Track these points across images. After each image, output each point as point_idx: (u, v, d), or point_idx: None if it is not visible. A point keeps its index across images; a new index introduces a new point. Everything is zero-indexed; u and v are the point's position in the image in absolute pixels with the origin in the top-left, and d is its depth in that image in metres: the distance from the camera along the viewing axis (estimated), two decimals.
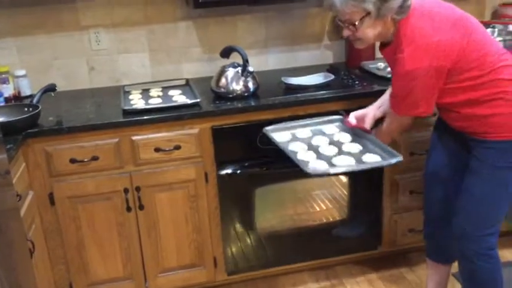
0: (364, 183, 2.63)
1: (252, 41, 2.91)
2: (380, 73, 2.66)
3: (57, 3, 2.64)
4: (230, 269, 2.57)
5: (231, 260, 2.57)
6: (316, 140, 2.21)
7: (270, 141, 2.18)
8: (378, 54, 2.98)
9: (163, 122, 2.28)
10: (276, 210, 2.59)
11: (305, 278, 2.72)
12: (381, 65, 2.77)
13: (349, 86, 2.57)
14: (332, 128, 2.32)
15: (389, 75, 2.61)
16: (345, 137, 2.22)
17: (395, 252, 2.82)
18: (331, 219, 2.67)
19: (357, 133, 2.23)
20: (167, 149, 2.29)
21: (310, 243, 2.67)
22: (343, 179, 2.61)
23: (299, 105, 2.42)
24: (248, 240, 2.57)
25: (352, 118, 2.25)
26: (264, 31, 2.93)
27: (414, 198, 2.69)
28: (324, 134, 2.28)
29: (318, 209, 2.64)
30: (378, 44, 2.97)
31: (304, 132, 2.27)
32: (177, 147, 2.30)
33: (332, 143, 2.19)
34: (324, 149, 2.12)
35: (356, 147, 2.13)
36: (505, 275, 2.13)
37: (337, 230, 2.68)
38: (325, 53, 3.03)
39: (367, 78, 2.66)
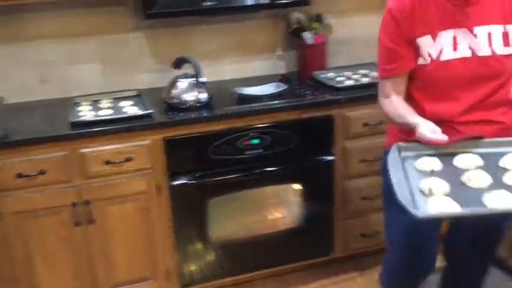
0: (316, 190, 2.53)
1: (206, 51, 2.77)
2: (330, 83, 2.58)
3: (5, 14, 2.43)
4: (184, 282, 2.42)
5: (186, 272, 2.42)
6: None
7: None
8: (330, 64, 2.95)
9: (113, 134, 2.12)
10: (230, 219, 2.47)
11: (258, 287, 2.59)
12: (332, 74, 2.70)
13: (301, 95, 2.48)
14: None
15: (338, 85, 2.56)
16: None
17: (347, 257, 2.73)
18: (284, 227, 2.56)
19: None
20: (118, 161, 2.13)
21: (264, 252, 2.55)
22: (295, 186, 2.51)
23: (252, 115, 2.32)
24: (203, 251, 2.43)
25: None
26: (217, 41, 2.80)
27: (365, 204, 2.62)
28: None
29: (272, 217, 2.53)
30: (330, 52, 2.99)
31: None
32: (128, 159, 2.15)
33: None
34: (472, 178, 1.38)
35: None
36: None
37: (290, 237, 2.57)
38: (278, 63, 2.92)
39: (318, 88, 2.58)
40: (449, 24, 1.55)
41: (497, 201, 1.23)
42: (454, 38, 1.55)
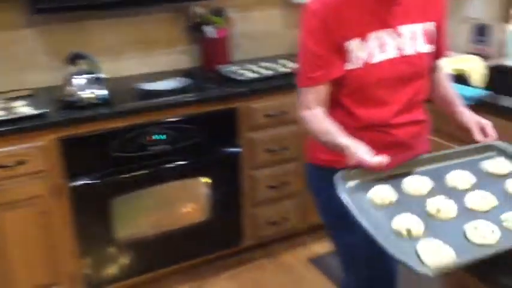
0: (224, 182, 2.50)
1: (105, 46, 2.63)
2: (233, 76, 2.55)
3: None
4: (92, 284, 2.29)
5: (93, 274, 2.30)
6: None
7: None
8: (234, 58, 2.92)
9: (3, 136, 1.96)
10: (138, 217, 2.37)
11: (171, 282, 2.52)
12: (235, 68, 2.67)
13: (204, 89, 2.43)
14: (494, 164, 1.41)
15: (241, 78, 2.55)
16: None
17: (257, 245, 2.73)
18: (194, 221, 2.50)
19: None
20: (9, 164, 1.97)
21: (175, 247, 2.48)
22: (204, 179, 2.47)
23: (153, 111, 2.24)
24: (110, 252, 2.31)
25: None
26: (117, 37, 2.67)
27: (272, 192, 2.63)
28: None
29: (181, 212, 2.47)
30: (233, 45, 2.96)
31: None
32: (21, 162, 1.99)
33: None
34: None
35: None
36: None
37: (201, 230, 2.52)
38: (182, 58, 2.84)
39: (222, 81, 2.54)
40: (376, 25, 1.46)
41: (483, 234, 1.11)
42: (382, 39, 1.46)
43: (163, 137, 2.27)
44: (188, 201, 2.50)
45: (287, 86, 2.50)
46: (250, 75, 2.56)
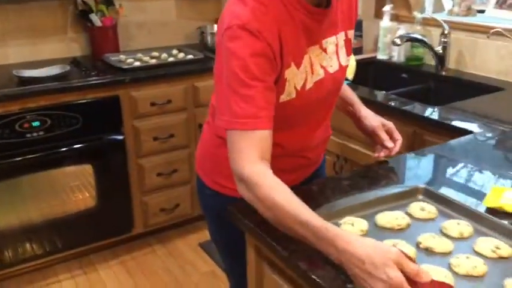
0: (110, 169, 2.50)
1: None
2: (118, 64, 2.54)
3: None
4: None
5: None
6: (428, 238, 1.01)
7: None
8: (126, 47, 2.91)
9: None
10: (19, 205, 2.32)
11: (57, 271, 2.50)
12: (123, 57, 2.67)
13: (84, 77, 2.41)
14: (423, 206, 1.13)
15: (125, 66, 2.53)
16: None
17: (149, 232, 2.76)
18: (81, 208, 2.49)
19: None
20: None
21: (63, 235, 2.47)
22: (88, 166, 2.45)
23: (27, 97, 2.20)
24: None
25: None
26: (3, 24, 2.59)
27: (161, 180, 2.65)
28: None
29: (68, 199, 2.44)
30: (127, 35, 2.95)
31: (386, 218, 1.07)
32: None
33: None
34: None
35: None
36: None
37: (89, 218, 2.51)
38: (71, 46, 2.80)
39: (106, 70, 2.52)
40: (307, 44, 1.18)
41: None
42: (310, 60, 1.19)
43: (38, 123, 2.23)
44: (74, 188, 2.47)
45: (172, 75, 2.54)
46: (135, 63, 2.57)
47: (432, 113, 1.85)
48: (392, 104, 1.98)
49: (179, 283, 2.43)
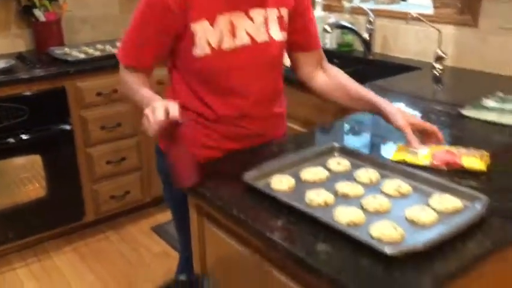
0: (59, 159, 2.54)
1: None
2: (63, 57, 2.59)
3: None
4: None
5: None
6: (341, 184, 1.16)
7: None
8: (71, 41, 2.94)
9: None
10: None
11: (11, 260, 2.53)
12: (68, 50, 2.71)
13: (30, 70, 2.44)
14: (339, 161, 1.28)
15: (69, 59, 2.58)
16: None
17: (101, 219, 2.81)
18: (32, 197, 2.52)
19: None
20: None
21: (15, 224, 2.49)
22: (37, 156, 2.48)
23: None
24: None
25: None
26: None
27: (111, 168, 2.71)
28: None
29: (17, 189, 2.47)
30: (72, 29, 2.98)
31: (309, 173, 1.21)
32: None
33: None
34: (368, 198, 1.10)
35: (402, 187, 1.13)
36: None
37: (41, 207, 2.55)
38: (16, 42, 2.82)
39: (51, 63, 2.56)
40: (226, 7, 1.29)
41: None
42: (231, 23, 1.30)
43: None
44: (24, 179, 2.51)
45: (116, 65, 2.56)
46: (80, 56, 2.62)
47: None
48: None
49: (132, 265, 2.52)
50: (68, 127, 2.50)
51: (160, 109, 1.10)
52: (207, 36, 1.29)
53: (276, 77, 1.47)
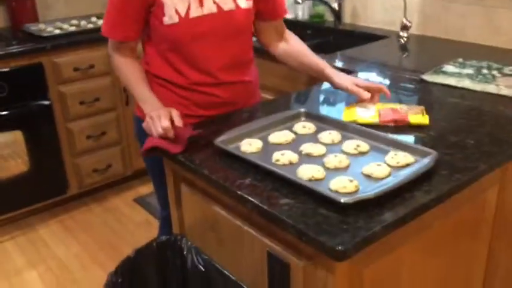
0: (39, 134, 2.59)
1: None
2: (38, 33, 2.61)
3: None
4: None
5: None
6: (307, 145, 1.25)
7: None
8: (46, 17, 2.95)
9: None
10: None
11: None
12: (43, 26, 2.72)
13: (5, 46, 2.45)
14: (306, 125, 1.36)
15: (45, 34, 2.59)
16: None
17: (85, 193, 2.89)
18: (14, 172, 2.56)
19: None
20: None
21: None
22: (17, 132, 2.52)
23: None
24: None
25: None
26: None
27: (91, 142, 2.76)
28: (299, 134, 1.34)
29: (1, 165, 2.52)
30: (46, 5, 2.97)
31: (276, 136, 1.30)
32: None
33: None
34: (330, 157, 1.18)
35: (361, 146, 1.23)
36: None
37: (24, 181, 2.60)
38: None
39: (27, 39, 2.58)
40: None
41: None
42: None
43: None
44: (6, 156, 2.55)
45: (92, 41, 2.63)
46: (55, 31, 2.64)
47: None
48: None
49: (116, 233, 2.60)
50: (47, 102, 2.54)
51: (166, 116, 1.28)
52: (175, 5, 1.38)
53: (243, 44, 1.53)
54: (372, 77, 1.86)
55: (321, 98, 1.69)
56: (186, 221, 1.39)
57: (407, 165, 1.13)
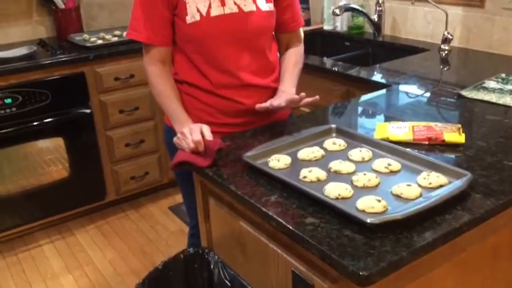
0: (80, 141, 2.66)
1: None
2: (82, 43, 2.69)
3: None
4: None
5: None
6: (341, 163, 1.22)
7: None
8: (90, 28, 3.04)
9: None
10: None
11: (37, 237, 2.69)
12: (87, 36, 2.80)
13: (50, 56, 2.55)
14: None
15: (88, 44, 2.67)
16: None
17: (122, 199, 2.94)
18: (56, 178, 2.65)
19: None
20: None
21: (41, 204, 2.63)
22: (59, 139, 2.60)
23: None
24: None
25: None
26: None
27: (130, 150, 2.82)
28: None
29: (41, 170, 2.61)
30: (90, 16, 3.06)
31: (305, 152, 1.28)
32: None
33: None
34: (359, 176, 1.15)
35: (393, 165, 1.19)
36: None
37: (64, 187, 2.68)
38: (38, 29, 2.93)
39: (72, 49, 2.67)
40: None
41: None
42: None
43: (10, 100, 2.37)
44: (48, 161, 2.64)
45: (133, 51, 2.69)
46: (98, 41, 2.72)
47: (360, 73, 2.08)
48: (328, 67, 2.21)
49: (151, 241, 2.64)
50: (88, 111, 2.62)
51: (197, 131, 1.30)
52: (197, 3, 1.41)
53: (265, 47, 1.53)
54: (412, 90, 1.82)
55: (355, 112, 1.66)
56: (213, 234, 1.39)
57: (440, 186, 1.09)
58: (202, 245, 1.45)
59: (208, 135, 1.30)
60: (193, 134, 1.29)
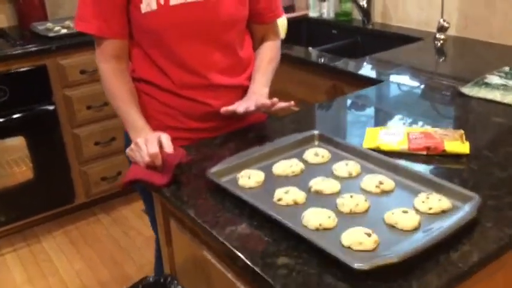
0: (44, 140, 2.44)
1: None
2: (45, 33, 2.45)
3: None
4: None
5: None
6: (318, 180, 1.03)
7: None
8: (51, 16, 2.79)
9: None
10: None
11: (2, 243, 2.47)
12: (51, 25, 2.56)
13: (9, 47, 2.31)
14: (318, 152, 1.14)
15: (51, 34, 2.43)
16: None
17: (92, 202, 2.73)
18: (19, 180, 2.43)
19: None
20: None
21: (2, 209, 2.41)
22: (20, 138, 2.38)
23: None
24: None
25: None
26: None
27: (100, 149, 2.61)
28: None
29: (4, 173, 2.38)
30: (55, 4, 2.82)
31: (282, 166, 1.09)
32: None
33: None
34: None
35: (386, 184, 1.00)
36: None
37: (29, 190, 2.47)
38: None
39: (32, 39, 2.43)
40: None
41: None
42: None
43: None
44: (10, 162, 2.42)
45: None
46: (63, 31, 2.48)
47: (348, 65, 1.88)
48: (313, 59, 2.01)
49: (122, 248, 2.44)
50: (51, 107, 2.39)
51: (154, 142, 1.10)
52: None
53: (236, 41, 1.32)
54: (405, 88, 1.62)
55: (342, 113, 1.47)
56: (177, 260, 1.20)
57: (442, 212, 0.91)
58: (165, 270, 1.26)
59: (168, 146, 1.09)
60: (149, 145, 1.09)
